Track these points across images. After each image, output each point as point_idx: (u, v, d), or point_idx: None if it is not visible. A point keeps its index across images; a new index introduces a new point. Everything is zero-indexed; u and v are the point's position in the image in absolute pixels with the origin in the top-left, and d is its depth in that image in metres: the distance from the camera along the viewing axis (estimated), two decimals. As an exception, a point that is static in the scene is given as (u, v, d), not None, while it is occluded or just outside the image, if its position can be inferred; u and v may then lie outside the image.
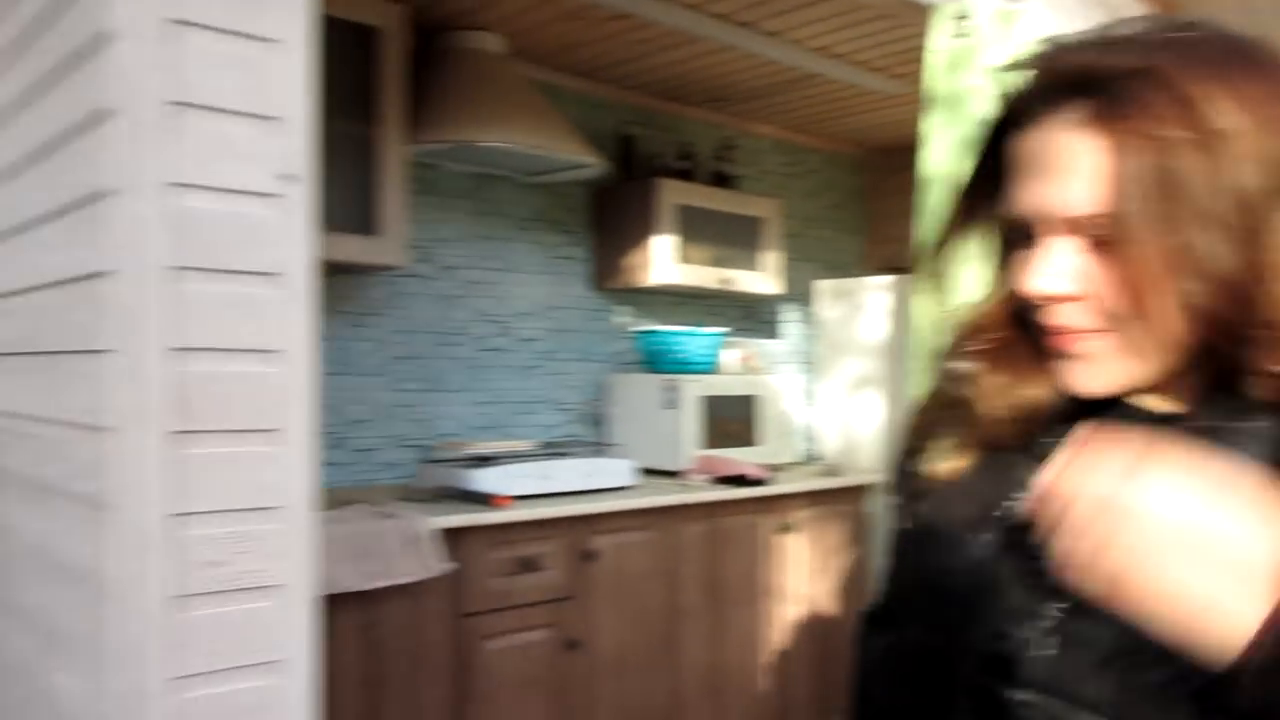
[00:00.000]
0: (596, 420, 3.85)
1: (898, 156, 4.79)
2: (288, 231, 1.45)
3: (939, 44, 2.56)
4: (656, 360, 3.73)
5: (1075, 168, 0.75)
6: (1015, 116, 0.80)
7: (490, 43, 3.22)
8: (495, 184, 3.59)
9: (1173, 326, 0.74)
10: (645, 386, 3.70)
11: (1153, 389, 0.80)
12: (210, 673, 1.43)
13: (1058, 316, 0.78)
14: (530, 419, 3.68)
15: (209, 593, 1.42)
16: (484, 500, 2.83)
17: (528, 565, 2.83)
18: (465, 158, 3.29)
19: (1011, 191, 0.80)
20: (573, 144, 3.25)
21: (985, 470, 0.87)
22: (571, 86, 3.75)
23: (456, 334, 3.49)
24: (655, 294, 4.02)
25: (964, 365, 0.88)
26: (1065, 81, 0.76)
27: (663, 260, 3.67)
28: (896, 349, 4.06)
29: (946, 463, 0.91)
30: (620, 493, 3.17)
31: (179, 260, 1.35)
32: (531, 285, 3.70)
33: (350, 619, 2.48)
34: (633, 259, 3.73)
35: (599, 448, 3.61)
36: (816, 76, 3.68)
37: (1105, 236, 0.74)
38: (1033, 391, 0.84)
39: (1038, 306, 0.79)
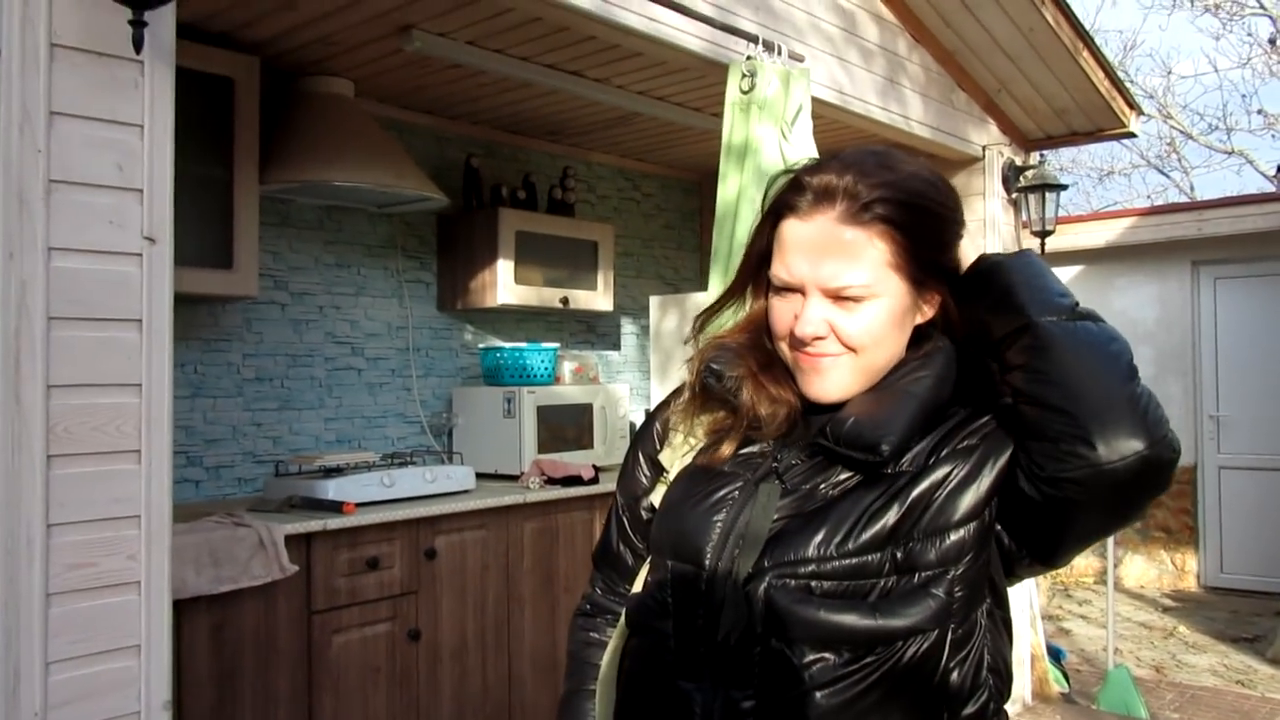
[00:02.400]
0: (442, 431, 4.14)
1: (726, 184, 5.21)
2: (150, 284, 1.73)
3: (731, 95, 2.91)
4: (498, 374, 4.05)
5: (839, 253, 1.13)
6: (791, 210, 1.17)
7: (339, 86, 3.47)
8: (346, 215, 3.85)
9: (896, 354, 1.17)
10: (488, 398, 4.02)
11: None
12: (79, 656, 1.70)
13: (816, 347, 1.16)
14: (380, 432, 3.95)
15: (78, 589, 1.69)
16: (332, 507, 3.10)
17: (372, 564, 3.12)
18: (316, 194, 3.54)
19: (786, 262, 1.16)
20: (418, 180, 3.54)
21: (732, 462, 1.22)
22: (418, 122, 4.04)
23: (309, 355, 3.74)
24: (499, 313, 4.34)
25: (730, 375, 1.24)
26: (834, 190, 1.14)
27: (504, 283, 3.99)
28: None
29: (693, 450, 1.26)
30: (461, 496, 3.48)
31: (57, 311, 1.62)
32: (381, 308, 3.97)
33: (204, 620, 2.73)
34: (477, 282, 4.04)
35: (444, 456, 3.91)
36: (643, 114, 4.06)
37: (858, 298, 1.13)
38: (785, 396, 1.21)
39: (801, 341, 1.17)
